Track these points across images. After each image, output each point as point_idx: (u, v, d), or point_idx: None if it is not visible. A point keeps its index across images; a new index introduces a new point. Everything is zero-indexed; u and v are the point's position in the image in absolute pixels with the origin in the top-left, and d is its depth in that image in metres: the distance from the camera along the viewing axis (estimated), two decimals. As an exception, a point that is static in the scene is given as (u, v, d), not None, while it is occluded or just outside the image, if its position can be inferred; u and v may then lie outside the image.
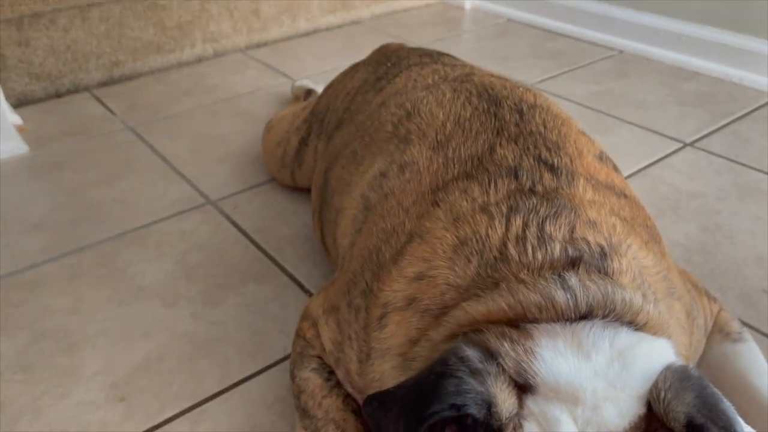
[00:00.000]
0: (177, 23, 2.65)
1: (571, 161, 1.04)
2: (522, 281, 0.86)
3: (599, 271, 0.86)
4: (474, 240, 0.93)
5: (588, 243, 0.89)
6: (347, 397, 1.06)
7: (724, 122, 2.12)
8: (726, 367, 1.10)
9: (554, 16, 2.94)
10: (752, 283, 1.44)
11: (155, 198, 1.83)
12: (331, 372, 1.10)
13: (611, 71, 2.53)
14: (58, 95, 2.49)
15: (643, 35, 2.63)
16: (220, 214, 1.76)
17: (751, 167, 1.87)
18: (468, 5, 3.32)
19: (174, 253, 1.61)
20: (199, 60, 2.76)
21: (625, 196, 1.06)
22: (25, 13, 2.31)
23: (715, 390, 0.77)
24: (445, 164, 1.07)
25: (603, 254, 0.89)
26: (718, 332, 1.14)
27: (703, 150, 1.97)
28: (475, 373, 0.76)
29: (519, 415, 0.77)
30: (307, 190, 1.74)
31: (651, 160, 1.92)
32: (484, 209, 0.96)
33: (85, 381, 1.26)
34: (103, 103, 2.41)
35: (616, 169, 1.14)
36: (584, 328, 0.82)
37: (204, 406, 1.20)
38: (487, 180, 1.00)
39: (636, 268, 0.90)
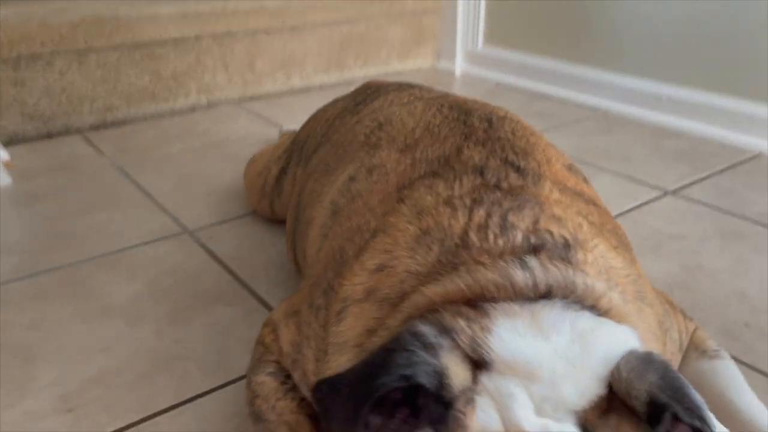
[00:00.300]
0: (172, 73, 2.72)
1: (539, 166, 1.03)
2: (481, 263, 0.84)
3: (562, 260, 0.84)
4: (436, 230, 0.91)
5: (551, 234, 0.87)
6: (302, 401, 1.01)
7: (705, 174, 2.14)
8: (703, 384, 1.06)
9: (541, 79, 3.02)
10: (734, 317, 1.40)
11: (132, 227, 1.82)
12: (288, 376, 1.05)
13: (595, 129, 2.57)
14: (50, 136, 2.52)
15: (626, 96, 2.69)
16: (195, 242, 1.74)
17: (732, 213, 1.87)
18: (458, 70, 3.41)
19: (145, 276, 1.57)
20: (193, 109, 2.81)
21: (595, 204, 1.05)
22: (22, 53, 2.37)
23: (681, 376, 0.73)
24: (413, 165, 1.07)
25: (567, 245, 0.87)
26: (694, 350, 1.10)
27: (684, 198, 1.98)
28: (427, 346, 0.73)
29: (472, 390, 0.73)
30: (285, 222, 1.73)
31: (632, 205, 1.92)
32: (448, 202, 0.95)
33: (35, 392, 1.20)
34: (93, 145, 2.44)
35: (585, 180, 1.14)
36: (544, 308, 0.80)
37: (155, 419, 1.14)
38: (452, 177, 1.00)
39: (603, 265, 0.88)
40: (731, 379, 1.07)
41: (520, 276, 0.81)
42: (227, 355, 1.30)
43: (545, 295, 0.81)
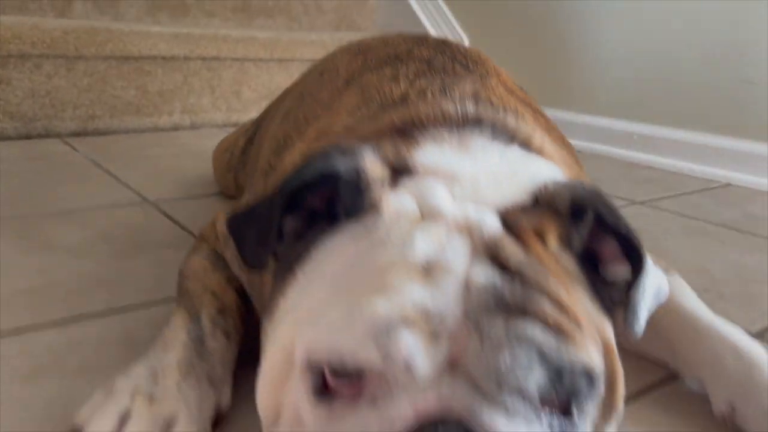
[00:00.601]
0: (159, 90, 2.78)
1: (487, 71, 1.05)
2: (415, 103, 0.84)
3: (498, 123, 0.83)
4: (377, 96, 0.92)
5: (491, 102, 0.88)
6: (232, 278, 0.97)
7: (675, 194, 2.15)
8: (650, 295, 1.02)
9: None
10: (693, 284, 1.37)
11: (94, 196, 1.80)
12: (221, 258, 1.01)
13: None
14: (29, 137, 2.53)
15: (598, 135, 2.76)
16: (155, 209, 1.72)
17: (698, 219, 1.87)
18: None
19: (97, 228, 1.54)
20: (176, 128, 2.85)
21: (542, 115, 1.06)
22: (12, 52, 2.43)
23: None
24: (364, 62, 1.09)
25: (505, 110, 0.86)
26: (645, 268, 1.07)
27: (651, 207, 1.98)
28: (346, 151, 0.71)
29: (390, 185, 0.71)
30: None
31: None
32: (393, 78, 0.96)
33: (-40, 295, 1.14)
34: (70, 145, 2.45)
35: (534, 101, 1.15)
36: (473, 134, 0.79)
37: (83, 322, 1.09)
38: (400, 64, 1.01)
39: (543, 142, 0.87)
40: (682, 289, 1.03)
41: (451, 108, 0.81)
42: (166, 280, 1.25)
43: (475, 123, 0.80)
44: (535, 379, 0.59)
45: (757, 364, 0.88)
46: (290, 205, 0.72)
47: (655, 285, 0.76)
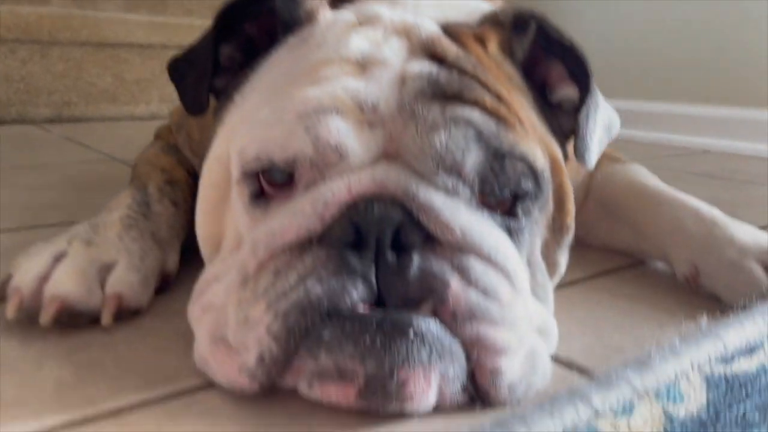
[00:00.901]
0: (136, 78, 2.78)
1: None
2: None
3: None
4: None
5: None
6: (183, 161, 0.95)
7: (651, 157, 2.16)
8: (615, 178, 1.01)
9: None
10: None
11: (65, 157, 1.78)
12: (174, 147, 0.99)
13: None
14: (2, 122, 2.52)
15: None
16: (123, 164, 1.70)
17: (676, 170, 1.87)
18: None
19: (65, 174, 1.52)
20: (153, 117, 2.84)
21: None
22: (-13, 37, 2.43)
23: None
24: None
25: None
26: (607, 160, 1.06)
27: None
28: None
29: (330, 4, 0.70)
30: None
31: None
32: None
33: None
34: (44, 129, 2.44)
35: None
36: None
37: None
38: None
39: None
40: (643, 173, 1.02)
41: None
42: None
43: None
44: (472, 158, 0.58)
45: (716, 222, 0.86)
46: (227, 34, 0.71)
47: (606, 117, 0.74)
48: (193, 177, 0.93)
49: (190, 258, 0.85)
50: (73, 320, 0.68)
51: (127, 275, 0.72)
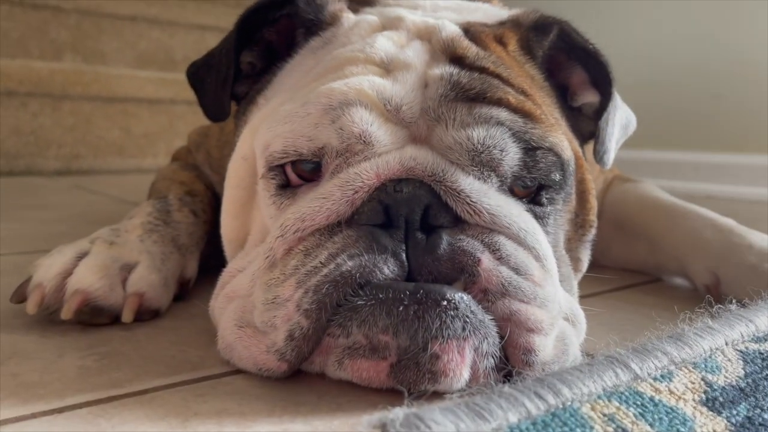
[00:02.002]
0: (144, 132, 2.82)
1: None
2: None
3: None
4: None
5: None
6: (202, 176, 0.96)
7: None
8: (627, 195, 1.02)
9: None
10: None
11: (73, 198, 1.80)
12: (191, 164, 1.01)
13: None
14: (11, 174, 2.54)
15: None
16: (133, 205, 1.71)
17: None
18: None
19: (73, 211, 1.53)
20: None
21: None
22: (0, 89, 2.48)
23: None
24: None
25: None
26: (618, 180, 1.07)
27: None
28: None
29: (351, 8, 0.73)
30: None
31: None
32: None
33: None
34: (53, 180, 2.46)
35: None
36: (433, -14, 0.81)
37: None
38: None
39: (504, 6, 0.90)
40: (655, 189, 1.03)
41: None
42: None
43: (438, -21, 0.82)
44: (510, 157, 0.59)
45: (733, 230, 0.87)
46: (247, 40, 0.73)
47: (624, 117, 0.76)
48: (212, 192, 0.93)
49: (208, 269, 0.85)
50: (94, 317, 0.68)
51: (148, 275, 0.72)
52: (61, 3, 2.77)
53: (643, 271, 1.00)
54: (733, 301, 0.63)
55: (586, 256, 0.71)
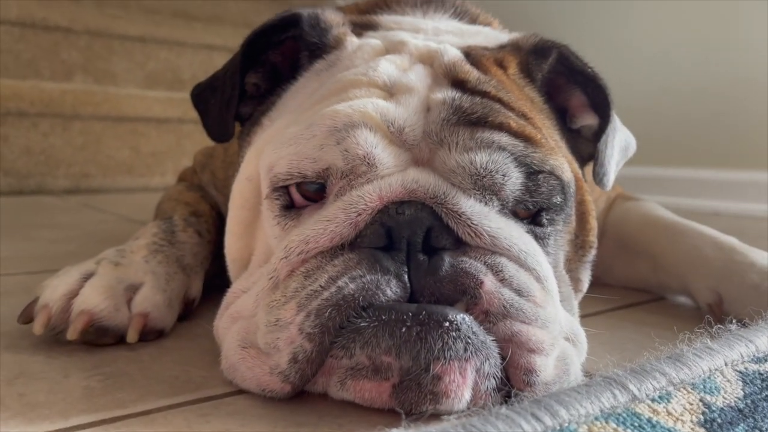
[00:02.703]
0: (152, 151, 2.85)
1: None
2: None
3: (459, 6, 0.88)
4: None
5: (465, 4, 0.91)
6: (207, 197, 0.97)
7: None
8: (629, 214, 1.03)
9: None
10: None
11: (82, 218, 1.81)
12: (196, 185, 1.02)
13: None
14: (21, 193, 2.57)
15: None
16: (141, 224, 1.73)
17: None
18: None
19: (82, 231, 1.55)
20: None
21: None
22: (11, 110, 2.51)
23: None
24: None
25: (476, 13, 0.90)
26: (620, 198, 1.08)
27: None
28: (309, 14, 0.74)
29: (355, 31, 0.74)
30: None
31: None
32: None
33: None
34: (63, 199, 2.48)
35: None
36: (436, 11, 0.83)
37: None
38: None
39: (504, 29, 0.91)
40: (657, 207, 1.03)
41: (414, -11, 0.85)
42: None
43: (439, 3, 0.84)
44: (512, 181, 0.59)
45: (735, 249, 0.87)
46: (252, 62, 0.74)
47: (623, 140, 0.77)
48: (217, 212, 0.95)
49: (211, 288, 0.86)
50: (100, 337, 0.69)
51: (153, 295, 0.72)
52: (72, 25, 2.82)
53: (646, 289, 1.00)
54: (734, 321, 0.63)
55: (586, 277, 0.71)
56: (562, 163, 0.64)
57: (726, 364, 0.54)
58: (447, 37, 0.74)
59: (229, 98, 0.73)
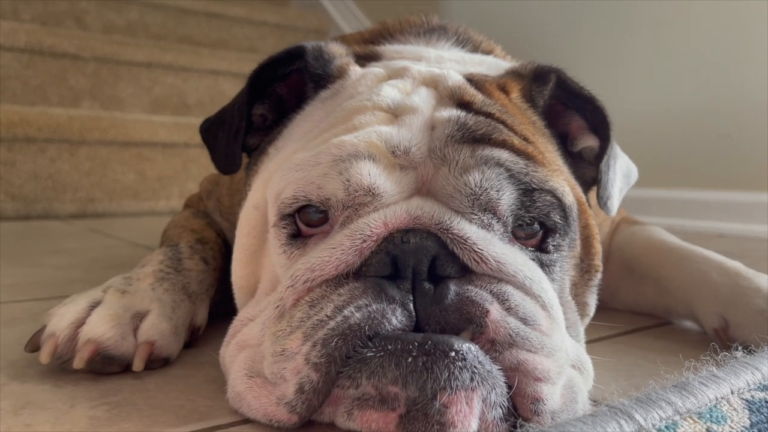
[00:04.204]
0: (158, 175, 2.87)
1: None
2: (384, 23, 0.89)
3: (462, 34, 0.89)
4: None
5: (454, 24, 0.92)
6: (213, 224, 0.98)
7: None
8: (635, 238, 1.03)
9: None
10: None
11: (87, 242, 1.82)
12: (203, 212, 1.03)
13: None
14: (28, 218, 2.58)
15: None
16: (147, 249, 1.73)
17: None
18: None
19: (89, 255, 1.55)
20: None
21: None
22: (18, 136, 2.54)
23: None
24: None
25: (467, 27, 0.91)
26: (625, 222, 1.08)
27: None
28: (313, 47, 0.75)
29: (358, 62, 0.75)
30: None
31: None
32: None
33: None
34: (69, 223, 2.50)
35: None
36: (439, 39, 0.84)
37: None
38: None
39: (506, 56, 0.92)
40: (661, 232, 1.03)
41: (416, 18, 0.87)
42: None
43: (441, 31, 0.85)
44: (506, 197, 0.60)
45: (741, 274, 0.87)
46: (259, 94, 0.76)
47: (625, 166, 0.77)
48: (223, 239, 0.95)
49: (217, 315, 0.86)
50: (106, 366, 0.69)
51: (159, 323, 0.73)
52: (80, 51, 2.86)
53: (653, 314, 1.00)
54: (739, 347, 0.63)
55: (592, 301, 0.71)
56: (563, 185, 0.64)
57: (732, 393, 0.54)
58: (450, 64, 0.75)
59: (237, 129, 0.74)
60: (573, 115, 0.74)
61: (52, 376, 0.69)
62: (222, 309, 0.85)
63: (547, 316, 0.58)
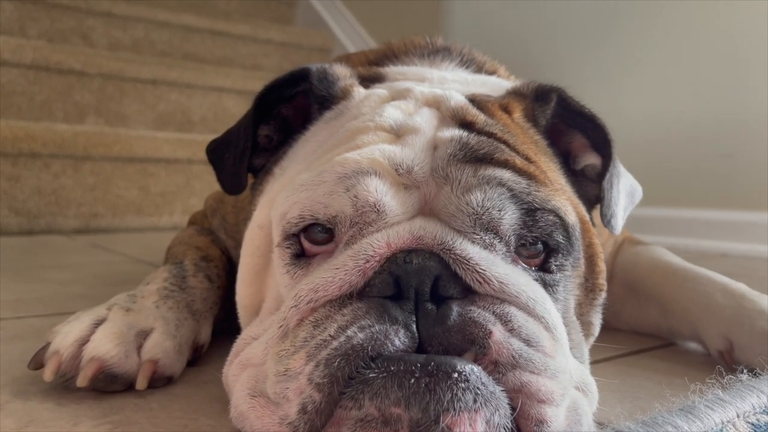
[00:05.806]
0: (161, 191, 2.88)
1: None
2: (388, 44, 0.90)
3: (466, 54, 0.90)
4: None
5: (458, 45, 0.93)
6: (217, 241, 0.98)
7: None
8: (638, 258, 1.03)
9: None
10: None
11: (90, 257, 1.82)
12: (207, 229, 1.03)
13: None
14: (31, 233, 2.59)
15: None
16: (149, 265, 1.73)
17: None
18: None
19: (91, 270, 1.56)
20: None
21: None
22: (23, 151, 2.55)
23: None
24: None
25: (472, 49, 0.92)
26: (628, 242, 1.08)
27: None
28: (318, 68, 0.76)
29: (362, 84, 0.76)
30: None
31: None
32: None
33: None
34: (72, 239, 2.50)
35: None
36: (443, 60, 0.85)
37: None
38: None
39: (510, 76, 0.93)
40: (666, 253, 1.03)
41: (420, 40, 0.87)
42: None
43: (446, 52, 0.86)
44: (508, 216, 0.60)
45: (745, 296, 0.87)
46: (264, 115, 0.76)
47: (628, 185, 0.78)
48: (227, 256, 0.95)
49: (220, 333, 0.86)
50: (109, 384, 0.69)
51: (163, 341, 0.73)
52: (86, 68, 2.88)
53: (657, 334, 1.00)
54: (744, 370, 0.63)
55: (597, 320, 0.71)
56: (566, 204, 0.64)
57: (738, 416, 0.54)
58: (453, 85, 0.75)
59: (243, 150, 0.75)
60: (575, 133, 0.74)
61: (54, 393, 0.69)
62: (225, 326, 0.85)
63: (550, 337, 0.58)
